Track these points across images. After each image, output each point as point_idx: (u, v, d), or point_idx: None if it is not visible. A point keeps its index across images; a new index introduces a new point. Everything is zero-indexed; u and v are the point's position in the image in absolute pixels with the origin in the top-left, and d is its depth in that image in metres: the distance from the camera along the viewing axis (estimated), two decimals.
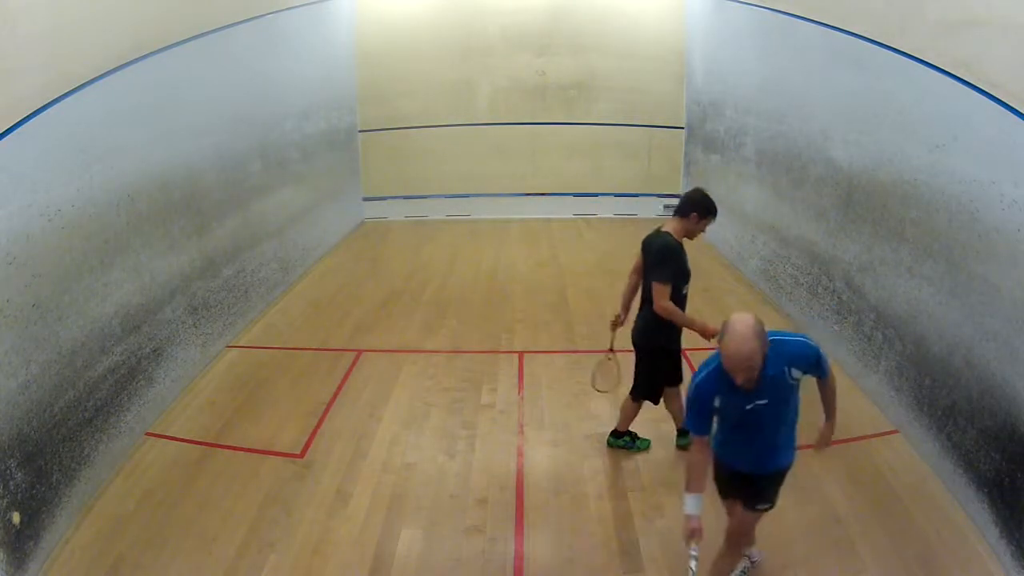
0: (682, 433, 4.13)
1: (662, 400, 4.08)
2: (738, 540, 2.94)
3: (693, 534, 2.58)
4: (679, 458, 4.05)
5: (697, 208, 3.63)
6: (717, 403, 2.57)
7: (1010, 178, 3.29)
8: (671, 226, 3.70)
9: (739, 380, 2.40)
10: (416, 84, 10.27)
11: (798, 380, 2.58)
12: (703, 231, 3.73)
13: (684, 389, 3.72)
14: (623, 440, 4.17)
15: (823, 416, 2.90)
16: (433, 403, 4.81)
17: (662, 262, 3.60)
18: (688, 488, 2.62)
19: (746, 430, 2.67)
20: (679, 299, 3.69)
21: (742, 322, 2.40)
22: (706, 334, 3.58)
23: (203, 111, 5.44)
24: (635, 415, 4.11)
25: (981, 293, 3.51)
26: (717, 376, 2.49)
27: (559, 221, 10.43)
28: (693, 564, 2.54)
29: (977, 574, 3.18)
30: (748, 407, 2.55)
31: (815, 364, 2.64)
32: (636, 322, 3.93)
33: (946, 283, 3.85)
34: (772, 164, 6.75)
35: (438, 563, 3.30)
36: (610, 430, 4.33)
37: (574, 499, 3.75)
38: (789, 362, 2.53)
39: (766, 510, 2.83)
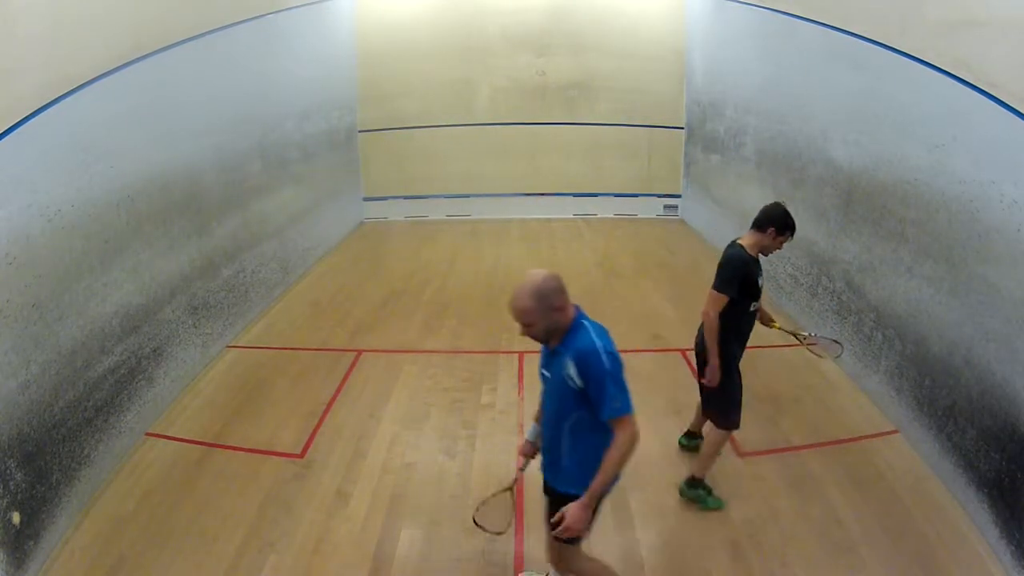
0: (690, 435, 4.09)
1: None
2: (556, 561, 2.71)
3: (520, 452, 2.83)
4: (680, 458, 4.05)
5: (775, 223, 3.39)
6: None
7: (1010, 178, 3.29)
8: (746, 240, 3.46)
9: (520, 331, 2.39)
10: (416, 84, 10.27)
11: (577, 388, 2.30)
12: (779, 248, 3.48)
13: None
14: (697, 492, 3.61)
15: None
16: (433, 403, 4.80)
17: (722, 269, 3.39)
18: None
19: (544, 397, 2.62)
20: (745, 315, 3.47)
21: (531, 277, 2.31)
22: (713, 376, 3.44)
23: (203, 111, 5.44)
24: (720, 451, 3.60)
25: (981, 293, 3.51)
26: None
27: (559, 221, 10.43)
28: (515, 475, 2.87)
29: (977, 574, 3.18)
30: (541, 366, 2.56)
31: (592, 380, 2.26)
32: (698, 337, 3.59)
33: (946, 283, 3.85)
34: (772, 164, 6.75)
35: (438, 563, 3.30)
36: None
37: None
38: (572, 353, 2.29)
39: (562, 540, 2.46)
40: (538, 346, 2.52)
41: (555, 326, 2.33)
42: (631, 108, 10.35)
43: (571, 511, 2.30)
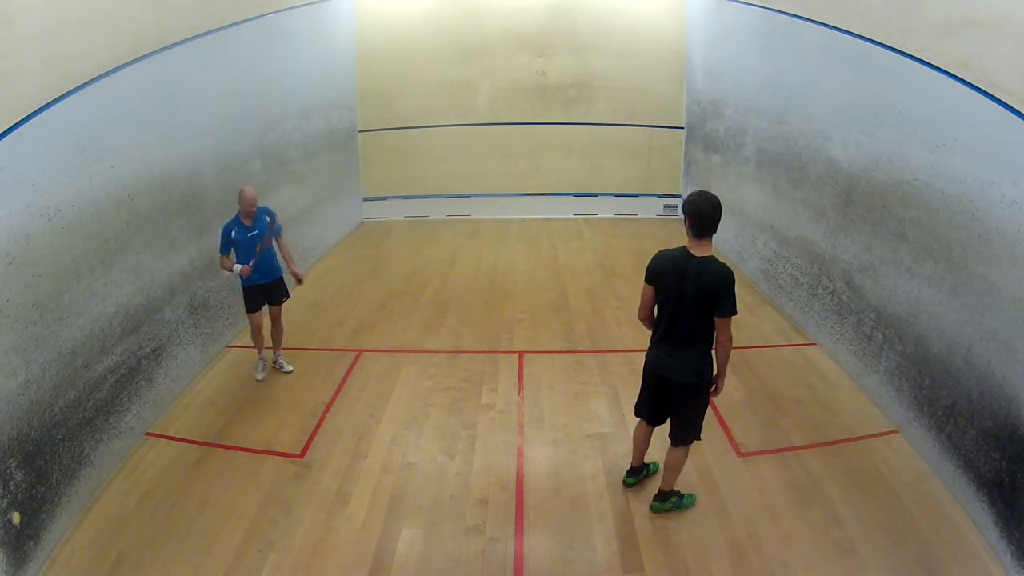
0: (634, 471, 3.86)
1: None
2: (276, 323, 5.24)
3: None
4: None
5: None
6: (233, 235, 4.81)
7: (1010, 178, 3.29)
8: (709, 249, 3.20)
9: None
10: (416, 84, 10.27)
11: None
12: None
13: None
14: (671, 501, 3.61)
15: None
16: (433, 403, 4.81)
17: (731, 291, 3.13)
18: (229, 268, 4.89)
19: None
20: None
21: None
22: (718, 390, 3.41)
23: (203, 111, 5.44)
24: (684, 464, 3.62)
25: (981, 293, 3.51)
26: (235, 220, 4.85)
27: (559, 221, 10.43)
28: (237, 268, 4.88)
29: (977, 574, 3.18)
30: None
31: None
32: (685, 362, 3.30)
33: (946, 283, 3.85)
34: (772, 164, 6.76)
35: (438, 563, 3.30)
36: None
37: (574, 499, 3.75)
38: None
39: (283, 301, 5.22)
40: (538, 345, 2.53)
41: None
42: (631, 108, 10.35)
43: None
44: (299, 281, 5.15)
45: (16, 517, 3.09)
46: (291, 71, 7.57)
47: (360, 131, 10.36)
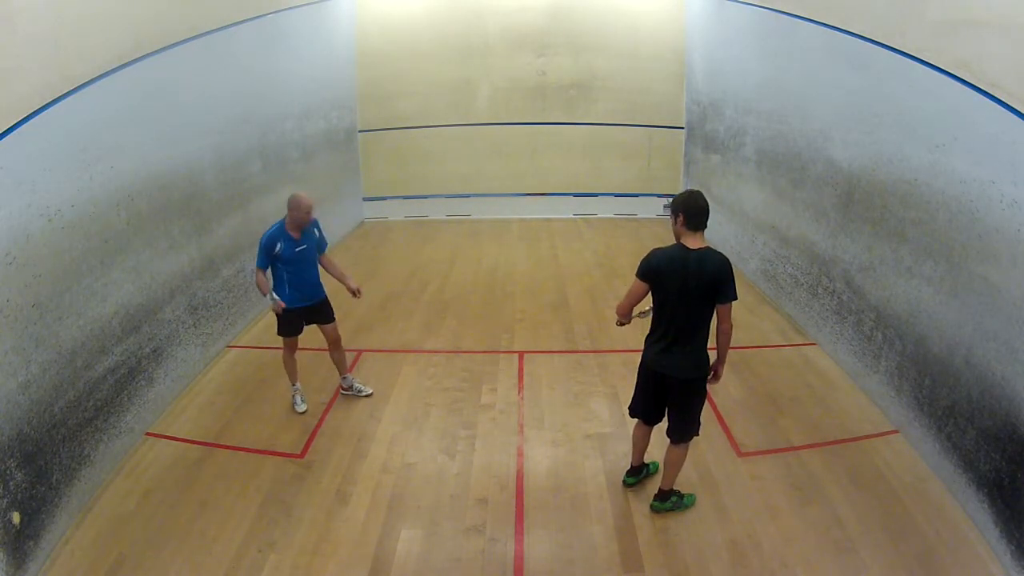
0: (634, 471, 3.85)
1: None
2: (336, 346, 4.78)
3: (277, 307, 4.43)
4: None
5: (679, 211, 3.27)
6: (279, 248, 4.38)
7: (1010, 178, 3.29)
8: (704, 241, 3.26)
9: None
10: (416, 84, 10.27)
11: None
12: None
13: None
14: (671, 501, 3.61)
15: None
16: (433, 403, 4.81)
17: (732, 277, 3.23)
18: (264, 291, 4.49)
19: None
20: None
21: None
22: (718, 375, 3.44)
23: (203, 111, 5.43)
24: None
25: (981, 293, 3.51)
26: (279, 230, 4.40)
27: (559, 221, 10.43)
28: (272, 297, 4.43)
29: (977, 574, 3.18)
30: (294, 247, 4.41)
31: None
32: (686, 357, 3.33)
33: (946, 283, 3.85)
34: (772, 164, 6.76)
35: (438, 563, 3.30)
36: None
37: (574, 499, 3.75)
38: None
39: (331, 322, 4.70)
40: (538, 345, 2.54)
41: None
42: (631, 108, 10.36)
43: None
44: (357, 294, 4.71)
45: (16, 517, 3.09)
46: (291, 71, 7.57)
47: (360, 131, 10.37)
